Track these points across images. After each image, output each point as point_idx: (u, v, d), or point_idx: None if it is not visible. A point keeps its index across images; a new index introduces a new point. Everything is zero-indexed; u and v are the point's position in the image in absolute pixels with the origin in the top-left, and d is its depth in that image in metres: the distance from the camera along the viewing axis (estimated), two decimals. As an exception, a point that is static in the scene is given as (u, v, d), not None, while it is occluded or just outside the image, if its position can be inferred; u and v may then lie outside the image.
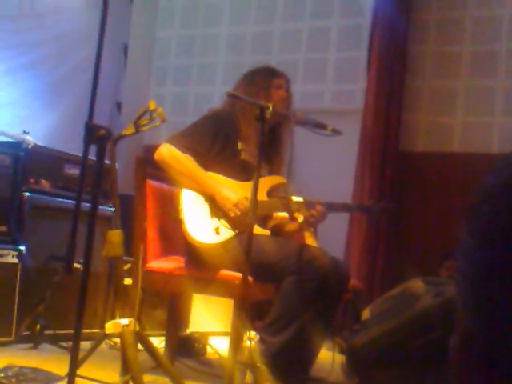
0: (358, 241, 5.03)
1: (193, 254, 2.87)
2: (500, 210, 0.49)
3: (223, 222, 2.88)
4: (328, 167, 5.27)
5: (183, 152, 2.91)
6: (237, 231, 2.87)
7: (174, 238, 3.10)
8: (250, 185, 2.87)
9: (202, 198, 2.92)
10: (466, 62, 5.11)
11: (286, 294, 2.75)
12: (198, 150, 2.94)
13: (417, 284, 2.92)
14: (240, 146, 3.01)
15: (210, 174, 2.96)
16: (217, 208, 2.89)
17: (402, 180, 5.09)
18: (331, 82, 5.55)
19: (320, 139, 2.97)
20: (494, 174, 0.51)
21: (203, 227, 2.86)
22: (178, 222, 2.88)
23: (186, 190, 2.91)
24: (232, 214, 2.85)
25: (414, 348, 2.67)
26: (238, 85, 3.13)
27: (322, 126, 2.80)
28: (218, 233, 2.85)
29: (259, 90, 3.00)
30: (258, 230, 2.69)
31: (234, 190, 2.91)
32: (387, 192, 4.99)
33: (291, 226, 3.07)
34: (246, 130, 2.99)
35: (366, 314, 3.10)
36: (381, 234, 5.01)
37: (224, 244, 2.85)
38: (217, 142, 2.98)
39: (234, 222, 2.88)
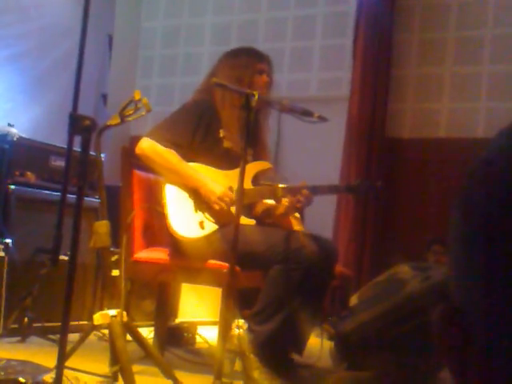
0: (345, 227, 5.04)
1: (177, 248, 2.86)
2: (476, 185, 0.49)
3: (207, 215, 2.87)
4: (315, 155, 5.27)
5: (165, 146, 2.87)
6: (220, 224, 2.86)
7: (158, 229, 3.09)
8: (234, 173, 2.86)
9: (185, 192, 2.90)
10: (451, 48, 5.11)
11: (273, 283, 2.75)
12: (179, 143, 2.90)
13: (404, 269, 2.94)
14: (222, 133, 2.99)
15: (194, 166, 2.93)
16: (201, 201, 2.88)
17: (388, 166, 5.10)
18: (317, 69, 5.54)
19: (307, 127, 2.96)
20: (482, 155, 0.53)
21: (187, 221, 2.85)
22: (162, 216, 2.87)
23: (169, 185, 2.89)
24: (217, 207, 2.84)
25: (402, 333, 2.69)
26: (219, 67, 3.09)
27: (309, 114, 2.79)
28: (202, 227, 2.84)
29: (243, 74, 2.98)
30: (243, 219, 2.68)
31: (218, 181, 2.89)
32: (374, 178, 4.99)
33: (277, 210, 3.05)
34: (228, 117, 2.97)
35: (353, 300, 3.11)
36: (368, 219, 5.02)
37: (208, 237, 2.84)
38: (198, 131, 2.95)
39: (218, 215, 2.87)
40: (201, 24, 6.03)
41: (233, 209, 2.78)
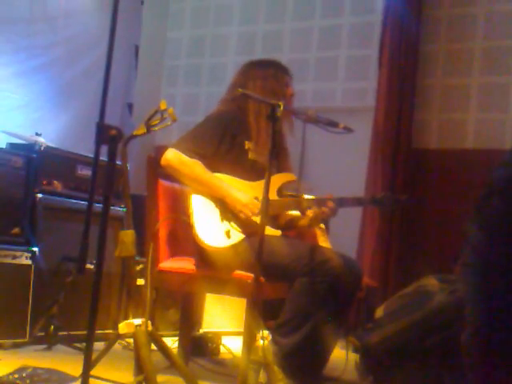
0: (371, 238, 5.01)
1: (204, 257, 2.86)
2: (510, 203, 0.48)
3: (233, 224, 2.87)
4: (340, 165, 5.26)
5: (190, 156, 2.88)
6: (247, 233, 2.86)
7: (182, 238, 3.09)
8: (259, 184, 2.87)
9: (211, 202, 2.90)
10: (478, 59, 5.07)
11: (298, 295, 2.74)
12: (204, 154, 2.91)
13: (431, 282, 2.90)
14: (247, 145, 3.00)
15: (219, 176, 2.93)
16: (227, 211, 2.88)
17: (414, 177, 5.07)
18: (342, 80, 5.53)
19: (332, 138, 2.95)
20: (502, 168, 0.51)
21: (214, 231, 2.84)
22: (188, 226, 2.88)
23: (195, 195, 2.90)
24: (242, 216, 2.84)
25: (428, 346, 2.66)
26: (248, 77, 3.08)
27: (334, 124, 2.79)
28: (228, 236, 2.84)
29: (276, 86, 2.99)
30: (268, 230, 2.67)
31: (243, 191, 2.89)
32: (400, 189, 4.96)
33: (302, 221, 3.04)
34: (259, 128, 2.97)
35: (379, 312, 3.08)
36: (394, 231, 4.99)
37: (235, 247, 2.84)
38: (223, 143, 2.96)
39: (244, 224, 2.87)
40: (226, 34, 6.05)
41: (258, 219, 2.78)
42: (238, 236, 2.85)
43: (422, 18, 5.19)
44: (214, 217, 2.88)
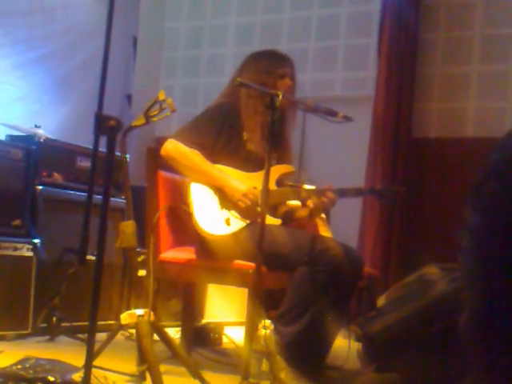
0: (372, 227, 5.01)
1: (205, 246, 2.87)
2: (507, 186, 0.48)
3: (233, 212, 2.88)
4: (340, 155, 5.25)
5: (189, 147, 2.91)
6: (247, 221, 2.87)
7: (184, 228, 3.10)
8: (257, 175, 2.88)
9: (210, 191, 2.92)
10: (478, 46, 5.06)
11: (299, 284, 2.75)
12: (203, 144, 2.93)
13: (432, 270, 2.91)
14: (245, 136, 3.00)
15: (218, 166, 2.95)
16: (226, 199, 2.89)
17: (414, 166, 5.06)
18: (341, 69, 5.51)
19: (332, 127, 2.95)
20: (497, 152, 0.51)
21: (213, 219, 2.86)
22: (187, 215, 2.89)
23: (194, 184, 2.91)
24: (242, 205, 2.85)
25: (430, 334, 2.66)
26: (242, 71, 3.09)
27: (333, 113, 2.79)
28: (228, 224, 2.85)
29: (265, 79, 2.98)
30: (268, 219, 2.68)
31: (242, 181, 2.91)
32: (400, 179, 4.96)
33: (302, 212, 3.05)
34: (250, 123, 2.98)
35: (381, 300, 3.08)
36: (395, 220, 4.99)
37: (235, 235, 2.85)
38: (222, 134, 2.97)
39: (243, 213, 2.88)
40: (224, 25, 6.03)
41: (258, 208, 2.79)
42: (238, 224, 2.87)
43: (421, 7, 5.17)
44: (213, 205, 2.89)
